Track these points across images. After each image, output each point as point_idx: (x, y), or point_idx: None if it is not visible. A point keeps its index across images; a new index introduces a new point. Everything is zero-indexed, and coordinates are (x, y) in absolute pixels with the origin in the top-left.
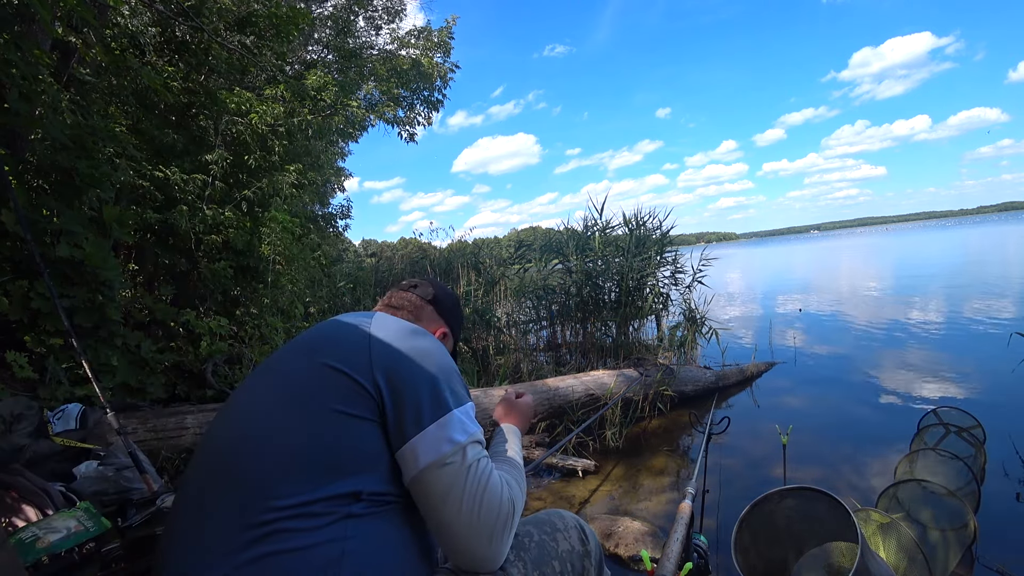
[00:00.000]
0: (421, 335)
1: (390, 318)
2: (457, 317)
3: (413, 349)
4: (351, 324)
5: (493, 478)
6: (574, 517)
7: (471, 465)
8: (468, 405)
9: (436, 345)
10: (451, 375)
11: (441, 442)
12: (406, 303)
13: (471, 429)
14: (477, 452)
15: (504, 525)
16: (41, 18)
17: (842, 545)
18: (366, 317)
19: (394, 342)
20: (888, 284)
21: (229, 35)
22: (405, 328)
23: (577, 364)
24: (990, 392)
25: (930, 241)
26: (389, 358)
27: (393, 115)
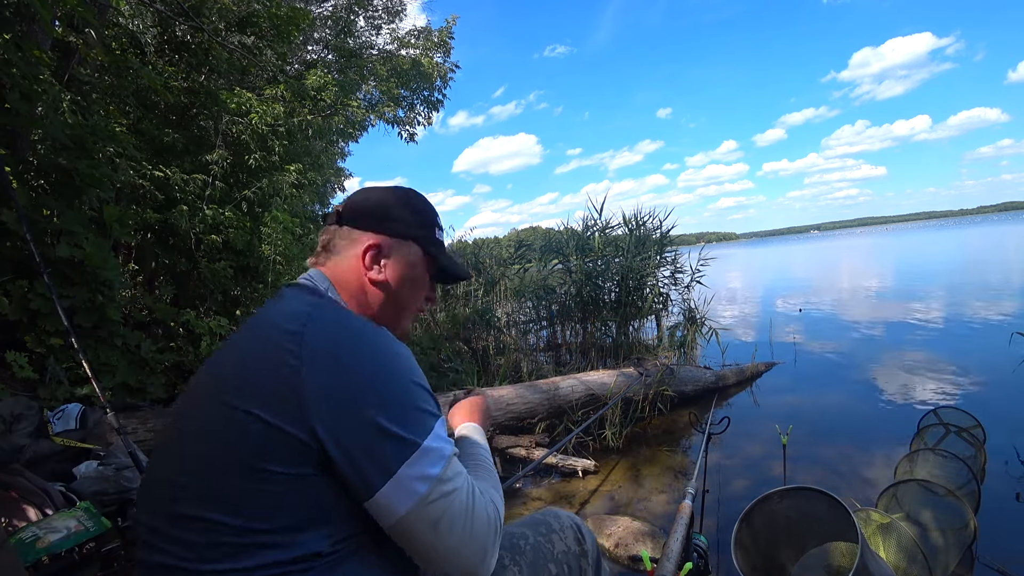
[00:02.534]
0: (366, 340)
1: (325, 316)
2: (394, 211)
3: (358, 373)
4: (273, 341)
5: (476, 495)
6: (570, 516)
7: (455, 492)
8: (438, 422)
9: (385, 352)
10: (410, 393)
11: (416, 483)
12: (325, 244)
13: (446, 451)
14: (455, 472)
15: (495, 537)
16: (41, 18)
17: (842, 545)
18: (294, 315)
19: (332, 370)
20: (888, 284)
21: (229, 35)
22: (343, 335)
23: (577, 364)
24: (990, 392)
25: (930, 241)
26: (329, 400)
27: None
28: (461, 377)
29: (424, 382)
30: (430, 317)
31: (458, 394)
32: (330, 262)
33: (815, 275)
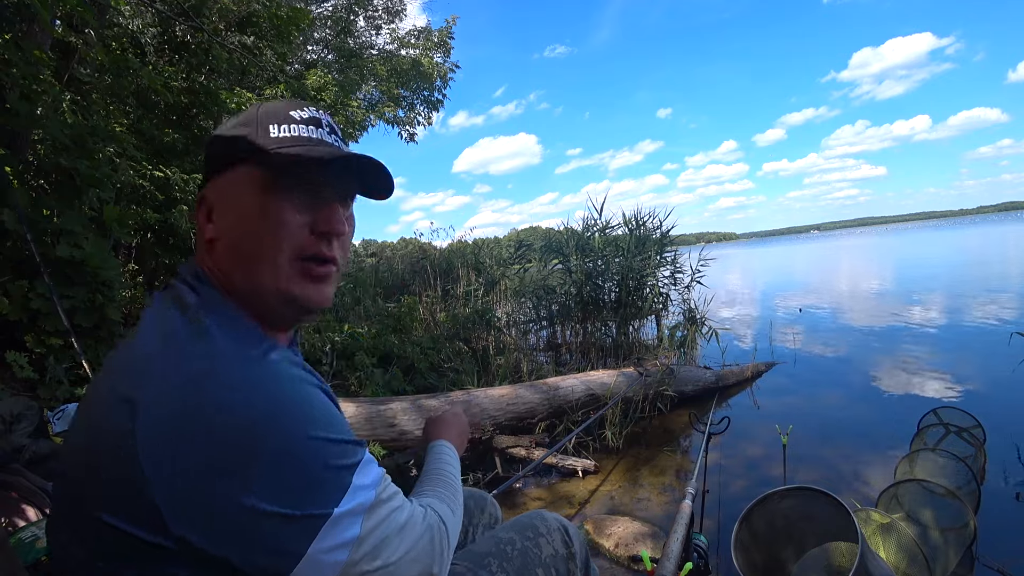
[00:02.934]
0: (230, 392)
1: (171, 358)
2: (215, 142)
3: (222, 446)
4: (106, 415)
5: (412, 527)
6: (556, 518)
7: (386, 539)
8: (356, 471)
9: (261, 404)
10: (306, 456)
11: (334, 552)
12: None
13: (366, 500)
14: (383, 516)
15: (439, 555)
16: (41, 18)
17: (842, 545)
18: (131, 366)
19: (182, 452)
20: (888, 284)
21: (229, 35)
22: (192, 391)
23: (577, 364)
24: (990, 392)
25: (930, 241)
26: (186, 491)
27: (393, 115)
28: (461, 377)
29: (329, 427)
30: (430, 317)
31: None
32: (202, 247)
33: (815, 275)
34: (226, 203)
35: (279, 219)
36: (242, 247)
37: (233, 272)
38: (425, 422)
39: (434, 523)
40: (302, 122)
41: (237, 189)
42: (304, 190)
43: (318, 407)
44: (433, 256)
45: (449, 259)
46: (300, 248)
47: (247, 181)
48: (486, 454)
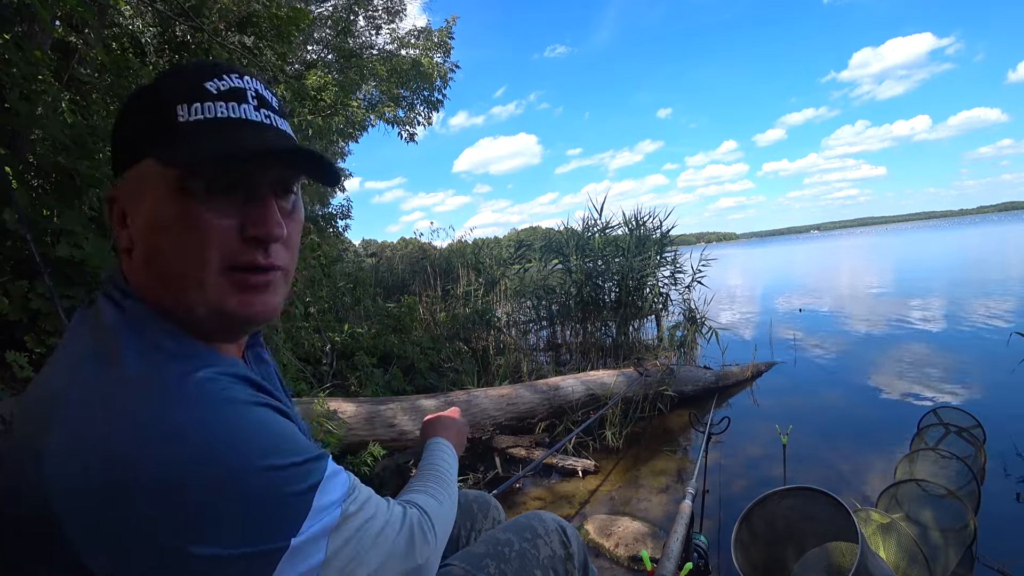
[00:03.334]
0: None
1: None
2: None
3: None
4: (12, 467)
5: (388, 531)
6: (554, 519)
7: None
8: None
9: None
10: (255, 493)
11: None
12: None
13: (330, 521)
14: (353, 531)
15: (422, 546)
16: (41, 18)
17: (842, 545)
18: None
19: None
20: (888, 284)
21: (229, 35)
22: (102, 435)
23: (577, 364)
24: (990, 392)
25: (930, 241)
26: (121, 552)
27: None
28: (461, 377)
29: (277, 451)
30: (430, 317)
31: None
32: (124, 260)
33: (815, 275)
34: (136, 206)
35: (198, 227)
36: (160, 259)
37: (153, 286)
38: (423, 422)
39: (414, 519)
40: (220, 97)
41: (145, 189)
42: (227, 187)
43: (261, 431)
44: (433, 256)
45: (449, 259)
46: (230, 257)
47: (156, 178)
48: (486, 454)
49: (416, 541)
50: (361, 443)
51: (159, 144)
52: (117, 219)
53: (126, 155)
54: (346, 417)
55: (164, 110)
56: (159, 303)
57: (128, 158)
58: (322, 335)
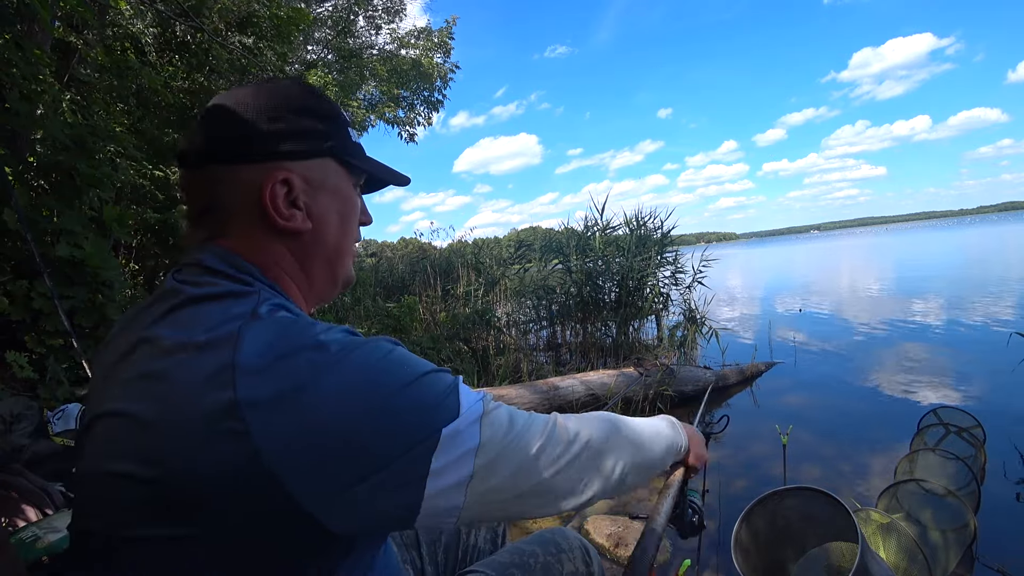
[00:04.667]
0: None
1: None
2: (287, 120)
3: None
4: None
5: (535, 421)
6: (578, 537)
7: (514, 440)
8: (452, 384)
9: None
10: (396, 399)
11: (457, 467)
12: (202, 204)
13: (477, 408)
14: (501, 419)
15: (583, 469)
16: (41, 18)
17: (842, 545)
18: (214, 376)
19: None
20: (888, 284)
21: (229, 35)
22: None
23: (577, 364)
24: (990, 392)
25: (930, 241)
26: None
27: (393, 115)
28: None
29: (415, 364)
30: (430, 317)
31: None
32: (231, 229)
33: (815, 275)
34: (324, 194)
35: (357, 217)
36: (334, 239)
37: (315, 261)
38: None
39: (558, 420)
40: (352, 126)
41: (336, 183)
42: (366, 192)
43: (386, 355)
44: (433, 256)
45: (449, 259)
46: (357, 238)
47: (341, 175)
48: None
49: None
50: None
51: (345, 150)
52: (283, 200)
53: (304, 145)
54: None
55: (345, 127)
56: (289, 281)
57: (308, 148)
58: None
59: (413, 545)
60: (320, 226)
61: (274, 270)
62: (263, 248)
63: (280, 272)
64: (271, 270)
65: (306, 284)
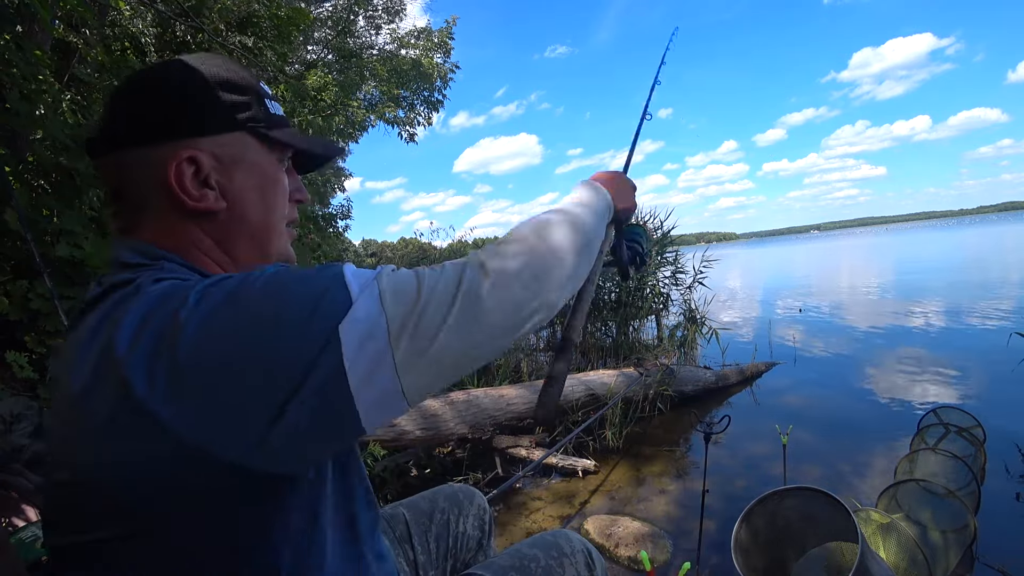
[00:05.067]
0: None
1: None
2: (192, 95)
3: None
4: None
5: (446, 278)
6: (581, 541)
7: (423, 309)
8: (327, 281)
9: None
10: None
11: (367, 341)
12: (117, 193)
13: (367, 296)
14: (400, 286)
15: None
16: (41, 18)
17: (842, 545)
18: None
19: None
20: (888, 284)
21: (229, 35)
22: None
23: (577, 364)
24: (990, 392)
25: (930, 241)
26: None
27: (393, 115)
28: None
29: (290, 275)
30: None
31: (454, 397)
32: (144, 217)
33: (815, 275)
34: (233, 169)
35: (283, 190)
36: (256, 213)
37: (237, 242)
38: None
39: (477, 257)
40: (273, 98)
41: (248, 156)
42: (301, 170)
43: (269, 273)
44: (433, 256)
45: (449, 259)
46: (288, 215)
47: (258, 149)
48: (486, 454)
49: (488, 264)
50: (361, 443)
51: (263, 123)
52: (192, 180)
53: (214, 120)
54: None
55: (260, 99)
56: (207, 260)
57: (219, 123)
58: None
59: (405, 539)
60: (237, 204)
61: (193, 253)
62: (178, 233)
63: (199, 255)
64: (190, 253)
65: (231, 264)
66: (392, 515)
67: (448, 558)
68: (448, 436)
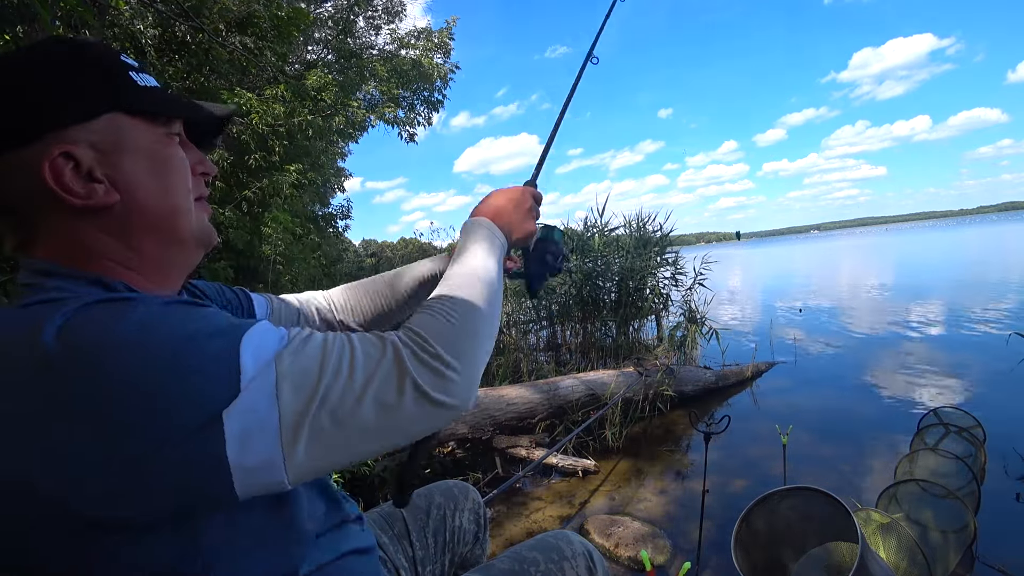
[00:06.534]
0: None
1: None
2: (45, 84)
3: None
4: None
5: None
6: (582, 543)
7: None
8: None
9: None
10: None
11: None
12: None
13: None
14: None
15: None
16: (41, 18)
17: (842, 545)
18: None
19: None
20: (888, 284)
21: (230, 35)
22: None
23: (577, 364)
24: (990, 392)
25: (930, 241)
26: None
27: (393, 115)
28: None
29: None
30: None
31: None
32: (34, 230)
33: (815, 275)
34: (118, 156)
35: (182, 167)
36: (156, 197)
37: (142, 233)
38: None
39: (398, 340)
40: (137, 69)
41: (128, 139)
42: (189, 138)
43: (178, 312)
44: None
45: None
46: (195, 189)
47: (140, 129)
48: (486, 454)
49: (407, 364)
50: None
51: (130, 100)
52: (75, 176)
53: (77, 108)
54: None
55: (122, 74)
56: (126, 260)
57: (83, 112)
58: None
59: (404, 536)
60: (131, 192)
61: (93, 260)
62: (72, 239)
63: (99, 259)
64: (90, 261)
65: (137, 259)
66: (390, 513)
67: (446, 552)
68: (448, 436)
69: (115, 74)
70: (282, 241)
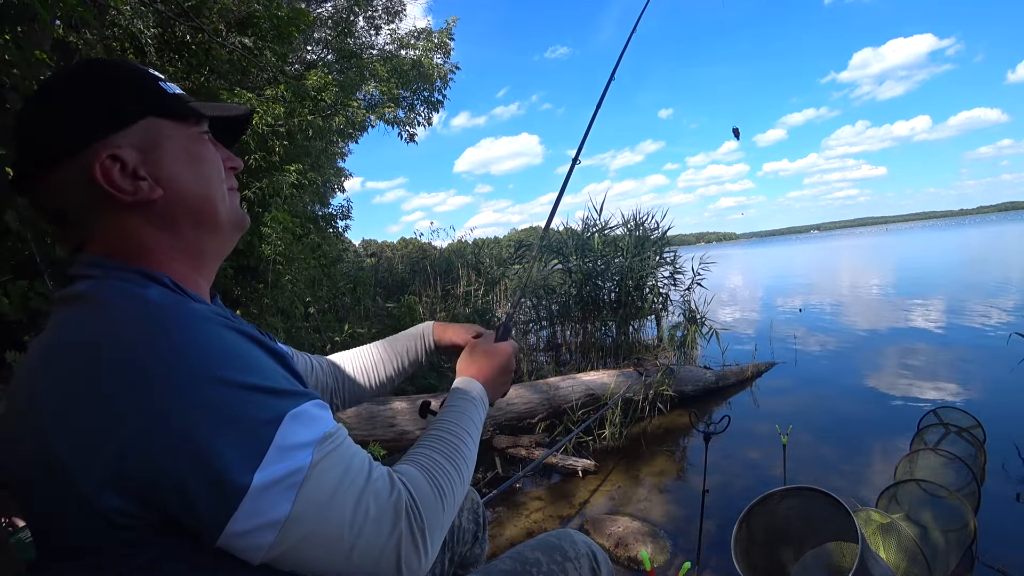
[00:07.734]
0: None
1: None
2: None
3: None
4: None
5: (370, 506)
6: (586, 542)
7: (326, 520)
8: (276, 416)
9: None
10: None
11: (255, 535)
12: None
13: (299, 464)
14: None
15: (404, 543)
16: (41, 18)
17: (842, 545)
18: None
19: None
20: (888, 284)
21: (230, 35)
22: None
23: (577, 364)
24: (990, 392)
25: (930, 241)
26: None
27: (393, 115)
28: None
29: (242, 369)
30: (430, 317)
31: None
32: (91, 229)
33: (816, 275)
34: (156, 155)
35: (215, 160)
36: (194, 188)
37: (183, 221)
38: (464, 352)
39: (403, 501)
40: (165, 80)
41: (165, 139)
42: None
43: (219, 343)
44: (433, 256)
45: (449, 259)
46: (226, 180)
47: (173, 129)
48: (486, 454)
49: (395, 536)
50: (361, 443)
51: (163, 106)
52: (123, 176)
53: (121, 114)
54: (346, 417)
55: (153, 83)
56: (155, 259)
57: (126, 116)
58: (322, 335)
59: None
60: (173, 185)
61: (142, 253)
62: (123, 233)
63: (147, 251)
64: (138, 254)
65: (180, 246)
66: None
67: (446, 551)
68: None
69: (147, 84)
70: (282, 241)
